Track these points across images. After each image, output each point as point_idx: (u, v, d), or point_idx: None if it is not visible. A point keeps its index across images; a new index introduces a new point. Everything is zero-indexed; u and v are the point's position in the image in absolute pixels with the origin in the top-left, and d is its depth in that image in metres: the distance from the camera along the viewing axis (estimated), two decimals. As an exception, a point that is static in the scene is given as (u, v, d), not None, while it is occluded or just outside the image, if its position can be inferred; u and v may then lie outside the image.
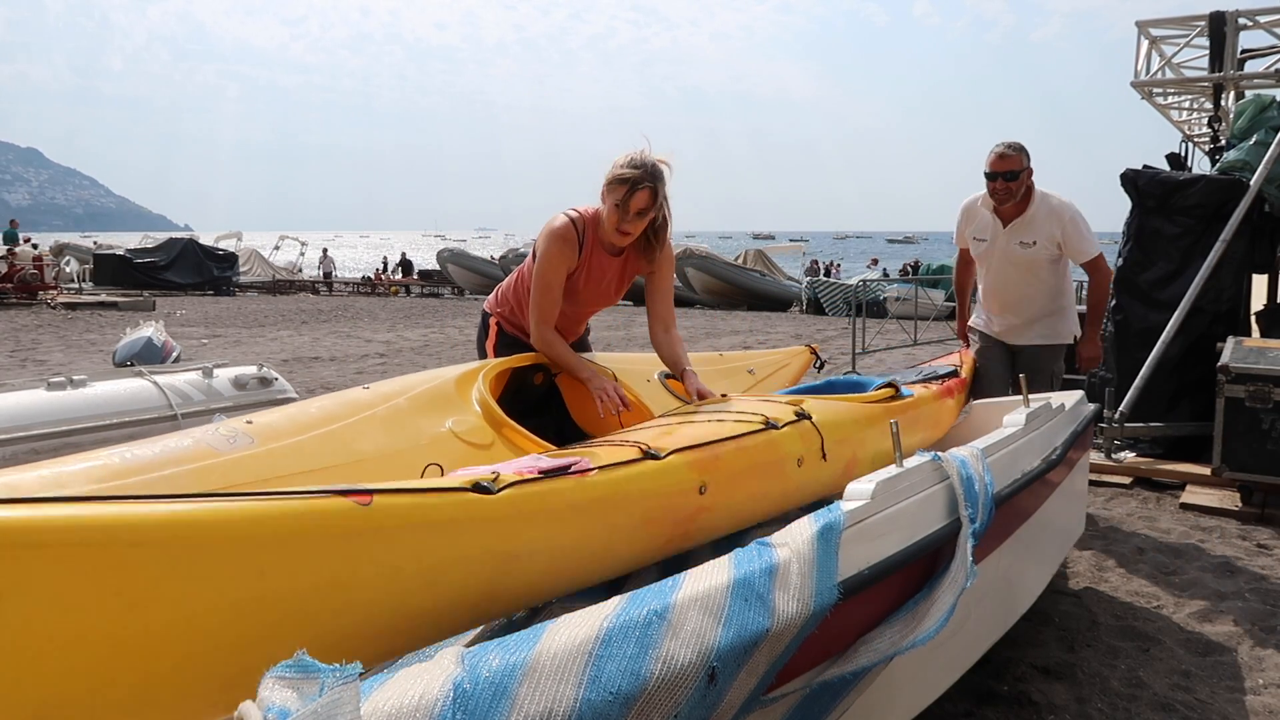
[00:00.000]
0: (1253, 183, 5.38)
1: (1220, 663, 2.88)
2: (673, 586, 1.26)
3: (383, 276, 28.90)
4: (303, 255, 31.84)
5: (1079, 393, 3.37)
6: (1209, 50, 6.70)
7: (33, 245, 20.70)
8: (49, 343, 11.54)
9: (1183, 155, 6.73)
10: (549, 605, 2.00)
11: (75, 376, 3.58)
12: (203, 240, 26.72)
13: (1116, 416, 5.23)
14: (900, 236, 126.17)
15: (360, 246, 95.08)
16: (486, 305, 3.24)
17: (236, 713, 0.87)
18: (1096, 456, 5.19)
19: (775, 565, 1.38)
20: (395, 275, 28.94)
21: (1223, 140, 6.38)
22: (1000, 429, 2.49)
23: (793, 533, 1.49)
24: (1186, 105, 8.31)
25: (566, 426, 2.93)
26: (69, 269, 23.33)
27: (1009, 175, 3.80)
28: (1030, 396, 2.88)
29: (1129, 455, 5.37)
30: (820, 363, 4.41)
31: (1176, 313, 5.27)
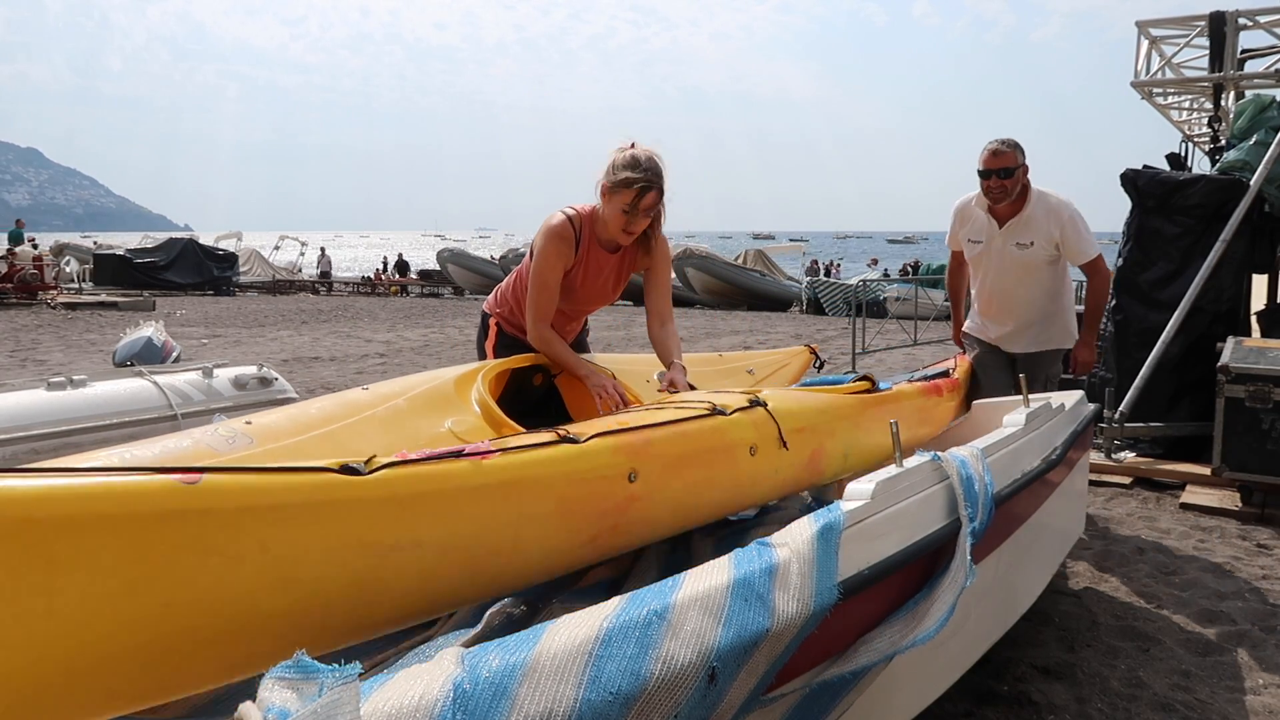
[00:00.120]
0: (1253, 183, 5.38)
1: (1220, 663, 2.88)
2: (673, 586, 1.26)
3: (382, 276, 28.94)
4: (302, 255, 31.88)
5: (1079, 393, 3.37)
6: (1209, 50, 6.70)
7: (33, 245, 20.72)
8: (49, 343, 11.54)
9: (1183, 155, 6.73)
10: (549, 605, 1.99)
11: (75, 376, 3.58)
12: (203, 240, 26.71)
13: (1116, 416, 5.23)
14: (900, 236, 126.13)
15: (360, 246, 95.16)
16: (486, 306, 3.24)
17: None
18: (1096, 456, 5.19)
19: (775, 565, 1.38)
20: (394, 275, 29.00)
21: (1223, 140, 6.38)
22: (1000, 429, 2.49)
23: (793, 532, 1.49)
24: (1186, 105, 8.31)
25: (566, 427, 2.92)
26: (69, 269, 23.33)
27: (1004, 172, 3.71)
28: (1030, 396, 2.88)
29: (1129, 455, 5.37)
30: (820, 363, 4.40)
31: (1176, 313, 5.27)
